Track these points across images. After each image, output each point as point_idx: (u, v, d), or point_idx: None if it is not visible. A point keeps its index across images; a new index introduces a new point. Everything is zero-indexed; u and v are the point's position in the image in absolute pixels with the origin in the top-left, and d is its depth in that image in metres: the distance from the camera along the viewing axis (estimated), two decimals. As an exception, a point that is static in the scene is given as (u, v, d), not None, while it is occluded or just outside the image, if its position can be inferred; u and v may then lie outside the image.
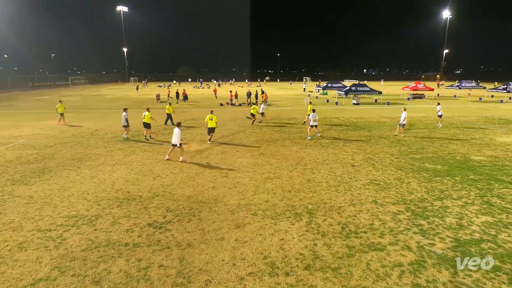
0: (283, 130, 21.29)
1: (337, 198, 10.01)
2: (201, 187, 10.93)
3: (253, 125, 23.32)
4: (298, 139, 18.59)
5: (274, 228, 8.11)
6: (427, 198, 9.97)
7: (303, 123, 23.74)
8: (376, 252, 7.03)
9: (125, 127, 18.72)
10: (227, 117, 27.26)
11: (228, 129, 21.68)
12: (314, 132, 19.31)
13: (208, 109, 31.93)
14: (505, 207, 9.27)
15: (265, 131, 20.90)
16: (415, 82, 48.69)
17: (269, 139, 18.63)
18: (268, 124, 23.69)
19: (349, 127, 22.52)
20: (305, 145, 17.00)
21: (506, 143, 17.28)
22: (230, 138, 18.89)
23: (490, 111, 31.25)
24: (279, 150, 16.00)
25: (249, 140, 18.26)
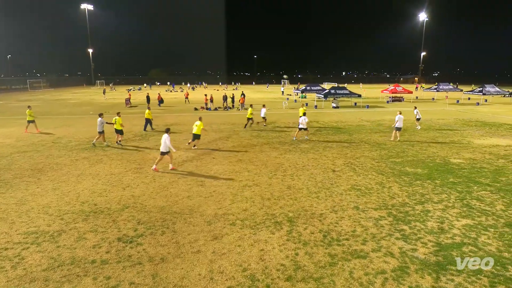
0: (261, 135, 21.38)
1: (318, 205, 10.14)
2: (175, 197, 10.76)
3: (245, 129, 23.66)
4: (277, 144, 18.72)
5: (253, 238, 8.09)
6: (409, 202, 10.29)
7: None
8: (359, 259, 7.15)
9: (100, 133, 18.33)
10: (202, 122, 27.03)
11: (203, 135, 21.51)
12: (302, 135, 19.93)
13: (182, 114, 31.55)
14: (484, 210, 9.70)
15: (243, 136, 20.91)
16: (394, 85, 50.40)
17: (247, 144, 18.65)
18: (246, 129, 23.73)
19: (329, 131, 22.94)
20: (285, 150, 17.14)
21: (483, 145, 18.16)
22: (206, 144, 18.75)
23: (467, 114, 32.80)
24: (258, 156, 16.04)
25: (226, 146, 18.20)
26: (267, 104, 43.79)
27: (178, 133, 22.17)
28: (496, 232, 8.33)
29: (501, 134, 21.78)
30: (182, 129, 23.50)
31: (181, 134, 21.76)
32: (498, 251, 7.46)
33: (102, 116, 18.50)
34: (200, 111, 36.19)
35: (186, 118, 29.75)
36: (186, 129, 23.36)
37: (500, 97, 49.36)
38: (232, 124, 26.06)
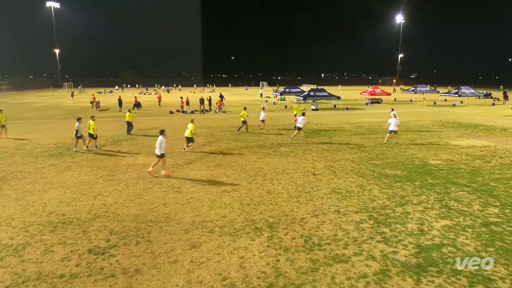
0: (240, 139, 21.37)
1: (299, 209, 10.22)
2: (150, 205, 10.56)
3: (238, 132, 23.58)
4: (256, 148, 18.76)
5: (233, 246, 8.05)
6: (389, 204, 10.54)
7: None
8: (340, 264, 7.25)
9: (79, 138, 17.95)
10: (178, 126, 26.77)
11: (179, 140, 21.26)
12: (300, 135, 20.84)
13: (157, 117, 31.09)
14: (462, 210, 10.08)
15: (221, 140, 20.83)
16: (373, 87, 51.73)
17: (225, 148, 18.59)
18: (223, 133, 23.66)
19: (309, 134, 23.21)
20: (264, 154, 17.20)
21: (460, 146, 18.89)
22: (181, 149, 18.53)
23: (444, 115, 34.06)
24: (236, 160, 16.02)
25: (203, 151, 18.07)
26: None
27: (155, 136, 21.81)
28: (474, 232, 8.66)
29: (476, 135, 22.73)
30: (155, 133, 23.11)
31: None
32: (476, 251, 7.75)
33: (81, 120, 18.13)
34: (175, 114, 35.79)
35: (161, 122, 29.35)
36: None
37: (475, 98, 51.57)
38: (209, 128, 25.92)
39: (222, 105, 38.39)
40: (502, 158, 16.24)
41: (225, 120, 30.97)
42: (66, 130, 24.39)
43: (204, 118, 32.96)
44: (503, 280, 6.65)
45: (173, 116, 34.16)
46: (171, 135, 22.62)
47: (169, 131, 24.20)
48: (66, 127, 25.94)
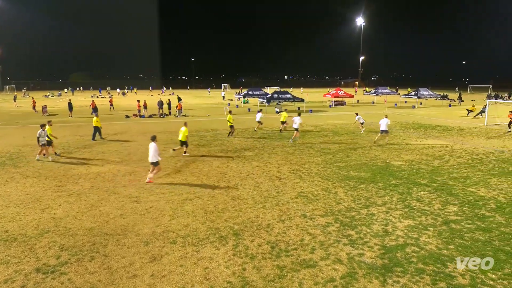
0: (202, 144, 21.17)
1: (265, 215, 10.28)
2: (106, 216, 10.15)
3: (228, 138, 23.23)
4: (219, 152, 18.67)
5: (196, 256, 7.93)
6: (354, 207, 10.89)
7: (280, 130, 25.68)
8: (308, 269, 7.37)
9: (43, 146, 16.89)
10: (135, 131, 26.05)
11: (137, 145, 20.68)
12: (297, 135, 22.15)
13: (112, 122, 30.06)
14: (424, 209, 10.64)
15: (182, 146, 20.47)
16: (336, 89, 53.38)
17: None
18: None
19: (273, 137, 23.48)
20: (228, 159, 17.16)
21: (420, 147, 19.95)
22: (139, 155, 18.02)
23: (404, 117, 35.83)
24: (198, 166, 15.84)
25: (163, 157, 17.64)
26: (207, 110, 43.66)
27: (115, 141, 21.03)
28: (435, 231, 9.16)
29: (435, 135, 24.12)
30: (116, 138, 22.34)
31: (113, 143, 20.68)
32: (438, 249, 8.20)
33: (45, 127, 17.14)
34: (132, 119, 34.79)
35: (116, 127, 28.40)
36: (120, 138, 22.28)
37: (433, 100, 54.78)
38: (169, 133, 25.43)
39: (182, 108, 37.85)
40: (459, 158, 17.34)
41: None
42: (8, 137, 22.90)
43: (164, 122, 32.30)
44: (463, 276, 7.08)
45: (129, 121, 33.16)
46: (125, 140, 21.95)
47: (128, 135, 23.49)
48: (10, 134, 24.36)
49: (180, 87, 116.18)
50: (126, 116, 36.19)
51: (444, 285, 6.79)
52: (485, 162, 16.53)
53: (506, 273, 7.16)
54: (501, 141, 22.07)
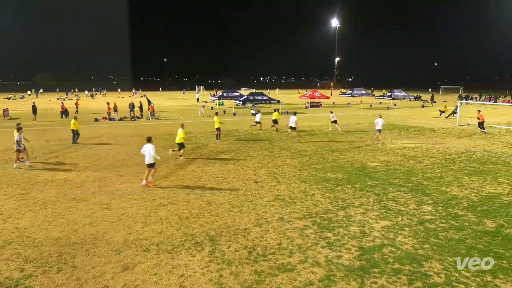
0: (176, 147, 20.88)
1: (242, 219, 10.26)
2: (74, 225, 9.84)
3: (217, 140, 23.12)
4: (194, 156, 18.50)
5: (171, 264, 7.81)
6: (332, 209, 11.05)
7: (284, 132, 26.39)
8: (286, 273, 7.40)
9: (19, 152, 16.28)
10: (105, 135, 25.42)
11: (106, 150, 20.19)
12: (292, 135, 23.37)
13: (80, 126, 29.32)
14: (399, 210, 10.93)
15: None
16: (312, 90, 54.11)
17: (160, 158, 18.01)
18: (157, 141, 22.94)
19: (249, 139, 23.51)
20: (202, 162, 17.03)
21: (395, 148, 20.52)
22: (110, 160, 17.60)
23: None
24: (172, 170, 15.63)
25: (134, 161, 17.33)
26: (181, 112, 43.18)
27: (83, 145, 20.40)
28: (411, 231, 9.43)
29: (409, 136, 24.88)
30: (85, 142, 21.70)
31: (81, 148, 20.08)
32: (414, 248, 8.45)
33: (21, 130, 16.58)
34: (101, 122, 33.94)
35: (84, 130, 27.60)
36: (89, 143, 21.66)
37: (407, 101, 56.50)
38: (141, 136, 24.96)
39: (154, 111, 37.27)
40: (433, 158, 17.95)
41: (159, 127, 30.10)
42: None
43: (135, 125, 31.70)
44: (438, 275, 7.31)
45: (99, 124, 32.32)
46: (92, 143, 21.40)
47: (98, 140, 22.87)
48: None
49: (152, 88, 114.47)
50: (95, 119, 35.27)
51: (420, 284, 6.99)
52: (457, 161, 17.19)
53: (479, 271, 7.46)
54: (472, 141, 23.03)
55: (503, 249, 8.40)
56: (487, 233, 9.25)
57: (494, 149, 20.17)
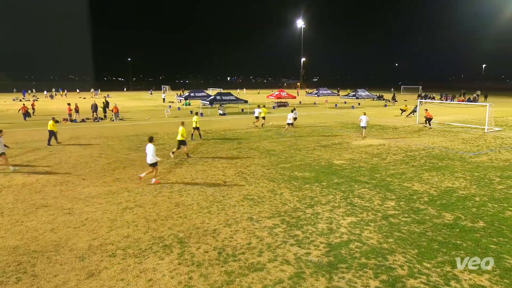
0: (142, 149, 20.40)
1: (211, 220, 10.19)
2: (34, 232, 9.38)
3: (192, 140, 23.18)
4: (160, 156, 18.12)
5: (139, 268, 7.62)
6: (300, 207, 11.21)
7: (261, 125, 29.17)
8: (256, 273, 7.44)
9: (2, 155, 15.49)
10: (66, 137, 24.41)
11: (68, 153, 19.40)
12: (290, 131, 25.03)
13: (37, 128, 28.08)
14: (365, 206, 11.27)
15: (119, 152, 19.62)
16: (279, 90, 54.61)
17: (125, 160, 17.57)
18: (122, 143, 22.34)
19: (217, 140, 23.39)
20: (170, 164, 16.76)
21: (359, 146, 21.12)
22: (72, 163, 16.92)
23: (344, 117, 37.69)
24: (139, 172, 15.25)
25: (99, 164, 16.77)
26: (147, 113, 42.24)
27: (43, 148, 19.44)
28: (376, 226, 9.75)
29: (373, 134, 25.69)
30: (45, 145, 20.71)
31: (41, 151, 19.16)
32: (379, 243, 8.74)
33: (1, 133, 16.01)
34: (62, 123, 32.55)
35: (43, 132, 26.36)
36: (50, 145, 20.70)
37: (370, 100, 58.30)
38: (105, 138, 24.21)
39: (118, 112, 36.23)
40: (395, 155, 18.65)
41: (123, 128, 29.30)
42: None
43: (98, 126, 30.67)
44: (402, 267, 7.61)
45: (59, 126, 30.86)
46: (51, 145, 20.52)
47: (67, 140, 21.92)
48: None
49: (116, 89, 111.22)
50: (55, 121, 33.73)
51: (385, 277, 7.25)
52: (418, 158, 17.96)
53: (439, 261, 7.84)
54: (431, 138, 24.13)
55: (461, 240, 8.88)
56: (446, 226, 9.73)
57: (451, 146, 21.25)
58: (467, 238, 8.97)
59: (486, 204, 11.37)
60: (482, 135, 25.49)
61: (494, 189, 12.89)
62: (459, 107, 46.35)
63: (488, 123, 27.90)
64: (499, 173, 15.06)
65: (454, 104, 48.57)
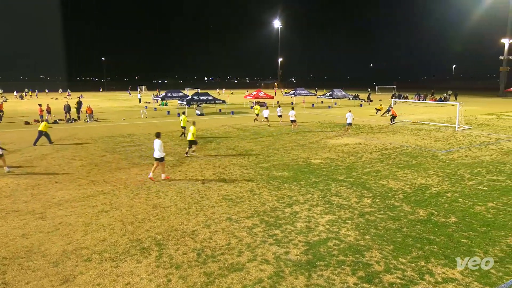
0: (118, 150, 20.02)
1: (189, 221, 10.10)
2: (4, 238, 9.02)
3: (180, 138, 22.55)
4: (137, 159, 17.84)
5: (116, 273, 7.46)
6: (278, 206, 11.27)
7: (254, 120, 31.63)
8: (236, 273, 7.42)
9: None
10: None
11: (39, 155, 18.77)
12: (295, 127, 27.10)
13: (10, 130, 27.15)
14: (342, 204, 11.45)
15: (94, 153, 19.14)
16: (256, 90, 54.70)
17: (100, 162, 17.16)
18: (97, 144, 21.81)
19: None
20: (147, 165, 16.48)
21: (336, 145, 21.44)
22: (44, 166, 16.39)
23: (321, 116, 38.18)
24: (115, 174, 14.95)
25: (73, 166, 16.31)
26: (122, 114, 41.40)
27: (13, 151, 18.67)
28: (353, 223, 9.92)
29: (349, 133, 26.13)
30: (15, 148, 19.92)
31: (10, 154, 18.44)
32: (356, 240, 8.89)
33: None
34: (33, 125, 31.46)
35: (13, 134, 25.44)
36: (20, 147, 19.94)
37: (346, 100, 59.31)
38: (79, 139, 23.57)
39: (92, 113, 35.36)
40: (371, 154, 19.04)
41: (98, 129, 28.62)
42: None
43: (72, 128, 29.82)
44: (378, 263, 7.78)
45: (30, 128, 29.91)
46: (22, 148, 19.82)
47: (29, 144, 21.14)
48: None
49: (91, 89, 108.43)
50: (25, 122, 32.63)
51: (362, 273, 7.38)
52: (393, 156, 18.40)
53: (414, 256, 8.05)
54: (405, 136, 24.77)
55: (434, 235, 9.15)
56: (420, 222, 10.01)
57: (424, 144, 21.89)
58: (440, 233, 9.26)
59: (457, 200, 11.78)
60: (453, 133, 26.39)
61: (465, 185, 13.37)
62: (431, 106, 47.80)
63: (458, 121, 28.91)
64: (469, 169, 15.63)
65: (426, 103, 50.07)
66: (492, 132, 26.87)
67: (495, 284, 6.98)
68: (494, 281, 7.10)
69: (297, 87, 65.87)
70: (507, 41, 79.88)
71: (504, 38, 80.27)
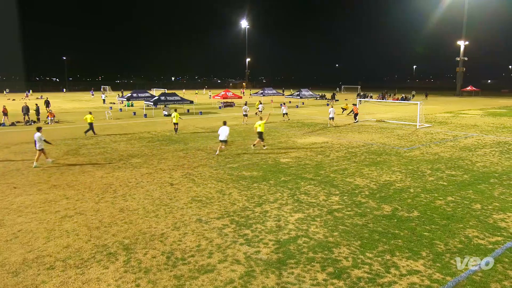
0: (81, 153, 19.31)
1: (158, 224, 9.90)
2: (-43, 249, 8.46)
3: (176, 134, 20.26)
4: (102, 161, 17.28)
5: (81, 280, 7.19)
6: (248, 206, 11.29)
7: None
8: (206, 274, 7.36)
9: (41, 151, 16.13)
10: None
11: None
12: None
13: (-41, 133, 25.63)
14: (311, 202, 11.63)
15: (55, 156, 18.33)
16: (225, 90, 54.53)
17: (62, 165, 16.47)
18: (59, 147, 20.91)
19: (163, 141, 22.79)
20: (112, 167, 16.01)
21: (305, 144, 21.76)
22: (1, 170, 15.52)
23: (290, 116, 38.58)
24: (78, 178, 14.40)
25: (32, 171, 15.55)
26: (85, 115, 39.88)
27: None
28: (322, 221, 10.11)
29: (317, 132, 26.61)
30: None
31: (-40, 160, 17.32)
32: (325, 237, 9.07)
33: (41, 130, 16.93)
34: (-12, 128, 29.73)
35: (-33, 138, 23.89)
36: None
37: (313, 99, 60.33)
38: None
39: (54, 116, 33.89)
40: (338, 152, 19.47)
41: (60, 131, 27.48)
42: None
43: (31, 131, 28.38)
44: (347, 259, 7.97)
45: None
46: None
47: None
48: None
49: (51, 90, 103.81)
50: None
51: (332, 269, 7.54)
52: (359, 154, 18.91)
53: (380, 251, 8.32)
54: (370, 135, 25.54)
55: (398, 229, 9.50)
56: (385, 217, 10.36)
57: (387, 142, 22.66)
58: (404, 228, 9.62)
59: (419, 195, 12.28)
60: (415, 131, 27.51)
61: (426, 181, 13.97)
62: (394, 105, 49.56)
63: (419, 120, 30.18)
64: (430, 165, 16.35)
65: (389, 103, 51.85)
66: (450, 129, 28.28)
67: (455, 274, 7.34)
68: (454, 271, 7.46)
69: (265, 87, 66.23)
70: (462, 43, 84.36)
71: (460, 40, 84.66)
